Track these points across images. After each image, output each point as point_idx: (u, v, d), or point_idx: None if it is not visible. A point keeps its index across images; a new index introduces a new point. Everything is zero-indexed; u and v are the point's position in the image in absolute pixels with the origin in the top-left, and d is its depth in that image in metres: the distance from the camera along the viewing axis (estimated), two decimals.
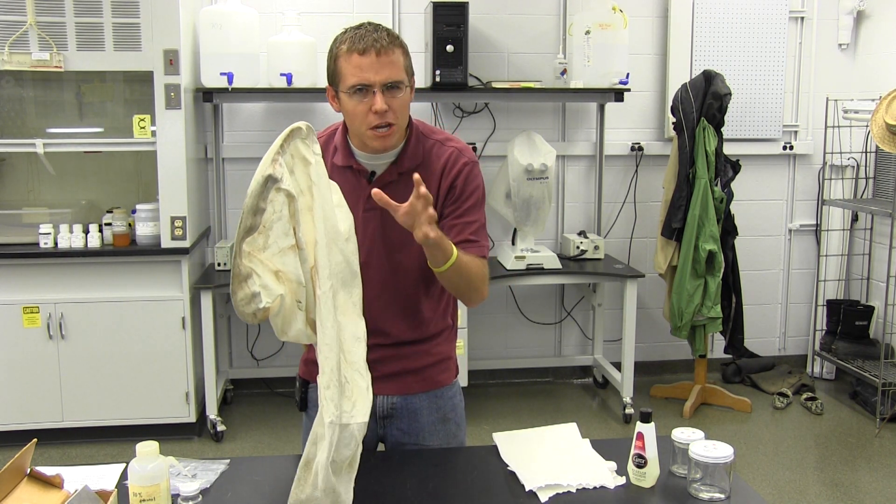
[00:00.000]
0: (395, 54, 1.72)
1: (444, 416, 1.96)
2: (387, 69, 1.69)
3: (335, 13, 4.33)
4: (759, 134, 4.72)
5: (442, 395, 1.96)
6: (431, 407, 1.94)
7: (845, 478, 3.59)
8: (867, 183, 4.71)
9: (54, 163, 3.90)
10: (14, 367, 3.72)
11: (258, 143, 4.32)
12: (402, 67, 1.73)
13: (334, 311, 1.55)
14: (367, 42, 1.70)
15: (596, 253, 4.36)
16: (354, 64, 1.69)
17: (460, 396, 2.03)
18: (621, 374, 4.21)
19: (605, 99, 4.39)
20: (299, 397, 1.97)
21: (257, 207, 1.55)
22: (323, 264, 1.55)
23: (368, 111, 1.70)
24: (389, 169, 1.81)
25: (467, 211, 1.83)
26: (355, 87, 1.70)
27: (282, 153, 1.54)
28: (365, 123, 1.72)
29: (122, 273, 3.78)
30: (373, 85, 1.69)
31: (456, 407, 2.00)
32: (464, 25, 3.99)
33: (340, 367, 1.53)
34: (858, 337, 4.51)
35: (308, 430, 1.96)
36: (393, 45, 1.72)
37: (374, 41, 1.70)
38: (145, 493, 1.47)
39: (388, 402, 1.91)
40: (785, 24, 4.63)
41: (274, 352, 4.57)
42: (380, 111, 1.69)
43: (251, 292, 1.55)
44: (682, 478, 1.72)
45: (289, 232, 1.57)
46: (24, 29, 3.61)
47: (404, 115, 1.77)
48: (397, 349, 1.87)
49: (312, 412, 1.92)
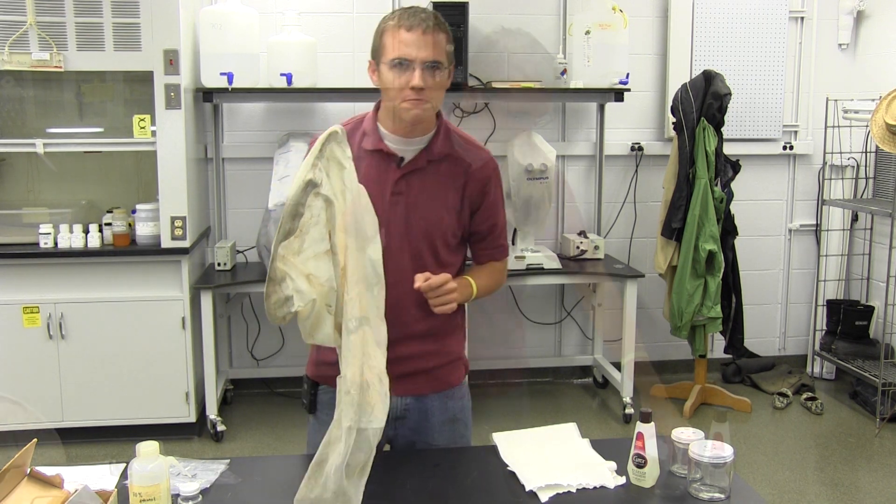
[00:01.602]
0: (440, 37, 1.78)
1: (453, 416, 1.97)
2: (429, 48, 1.75)
3: (335, 13, 4.33)
4: (759, 134, 4.72)
5: (452, 395, 1.98)
6: (442, 407, 1.96)
7: (845, 478, 3.59)
8: (867, 183, 4.71)
9: (54, 163, 3.90)
10: (14, 367, 3.72)
11: (258, 143, 4.32)
12: (444, 50, 1.79)
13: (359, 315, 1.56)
14: (414, 20, 1.76)
15: (596, 253, 4.36)
16: (399, 39, 1.75)
17: (468, 397, 2.05)
18: (621, 374, 4.21)
19: (605, 99, 4.38)
20: (308, 399, 1.97)
21: (296, 211, 1.56)
22: (351, 269, 1.57)
23: (405, 86, 1.75)
24: (420, 155, 1.85)
25: (497, 215, 1.94)
26: (396, 60, 1.75)
27: (320, 157, 1.56)
28: (401, 96, 1.76)
29: (122, 273, 3.78)
30: (413, 61, 1.74)
31: (465, 407, 2.02)
32: (464, 25, 3.99)
33: (363, 372, 1.54)
34: (858, 337, 4.51)
35: (315, 431, 1.96)
36: (439, 27, 1.78)
37: (422, 20, 1.76)
38: (146, 493, 1.47)
39: (402, 404, 1.92)
40: (785, 24, 4.63)
41: (274, 352, 4.57)
42: (416, 87, 1.74)
43: (284, 296, 1.57)
44: (682, 478, 1.72)
45: (324, 237, 1.59)
46: (24, 29, 3.61)
47: (439, 98, 1.81)
48: (410, 345, 1.86)
49: (322, 414, 1.93)
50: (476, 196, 1.89)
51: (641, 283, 4.26)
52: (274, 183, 3.82)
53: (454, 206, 1.87)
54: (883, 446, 3.90)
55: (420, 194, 1.84)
